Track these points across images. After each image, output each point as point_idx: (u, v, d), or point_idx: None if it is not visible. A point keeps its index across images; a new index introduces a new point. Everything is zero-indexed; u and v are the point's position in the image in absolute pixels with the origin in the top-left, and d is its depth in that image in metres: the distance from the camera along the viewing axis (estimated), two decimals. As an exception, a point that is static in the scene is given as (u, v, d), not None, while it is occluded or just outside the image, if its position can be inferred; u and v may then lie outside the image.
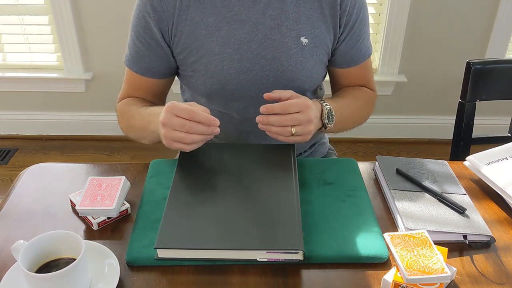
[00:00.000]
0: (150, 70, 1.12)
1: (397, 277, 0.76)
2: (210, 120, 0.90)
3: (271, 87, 1.09)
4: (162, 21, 1.05)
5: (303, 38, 1.07)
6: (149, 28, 1.06)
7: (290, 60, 1.08)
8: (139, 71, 1.13)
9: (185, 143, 0.92)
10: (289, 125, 0.95)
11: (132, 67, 1.13)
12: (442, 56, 2.46)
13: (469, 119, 1.34)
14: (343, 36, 1.11)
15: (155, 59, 1.11)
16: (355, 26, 1.10)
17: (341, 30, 1.10)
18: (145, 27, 1.07)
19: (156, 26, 1.06)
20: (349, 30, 1.10)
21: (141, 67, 1.12)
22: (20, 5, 2.34)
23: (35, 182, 1.02)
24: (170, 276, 0.80)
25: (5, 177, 2.39)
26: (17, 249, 0.77)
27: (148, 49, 1.09)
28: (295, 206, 0.88)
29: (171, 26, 1.06)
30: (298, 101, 0.95)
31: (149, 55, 1.10)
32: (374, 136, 2.67)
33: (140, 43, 1.09)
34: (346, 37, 1.11)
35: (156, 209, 0.92)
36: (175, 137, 0.91)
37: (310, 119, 0.96)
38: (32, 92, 2.57)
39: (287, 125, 0.95)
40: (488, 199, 0.99)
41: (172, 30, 1.06)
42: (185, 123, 0.89)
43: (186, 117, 0.89)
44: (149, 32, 1.07)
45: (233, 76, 1.08)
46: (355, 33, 1.11)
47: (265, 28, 1.06)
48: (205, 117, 0.90)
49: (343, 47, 1.13)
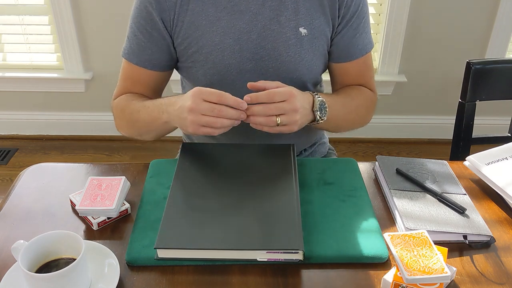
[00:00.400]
0: (151, 62, 1.11)
1: (397, 277, 0.76)
2: (239, 103, 0.90)
3: (271, 78, 1.09)
4: (164, 11, 1.05)
5: (302, 29, 1.07)
6: (151, 18, 1.06)
7: (289, 51, 1.08)
8: (140, 63, 1.11)
9: (214, 128, 0.91)
10: (274, 115, 0.93)
11: (132, 60, 1.12)
12: (442, 56, 2.46)
13: (469, 119, 1.34)
14: (339, 27, 1.11)
15: (157, 50, 1.10)
16: (352, 19, 1.10)
17: (338, 22, 1.10)
18: (147, 17, 1.06)
19: (158, 16, 1.05)
20: (346, 23, 1.10)
21: (142, 59, 1.11)
22: (20, 5, 2.34)
23: (35, 182, 1.02)
24: (170, 276, 0.80)
25: (5, 177, 2.39)
26: (17, 249, 0.77)
27: (150, 40, 1.08)
28: (295, 206, 0.88)
29: (173, 16, 1.06)
30: (282, 89, 0.94)
31: (151, 46, 1.09)
32: (374, 136, 2.67)
33: (141, 34, 1.08)
34: (342, 30, 1.11)
35: (156, 209, 0.92)
36: (204, 122, 0.90)
37: (295, 108, 0.94)
38: (32, 92, 2.57)
39: (272, 115, 0.93)
40: (488, 199, 0.99)
41: (174, 20, 1.06)
42: (214, 107, 0.89)
43: (215, 101, 0.89)
44: (151, 22, 1.06)
45: (233, 66, 1.08)
46: (351, 26, 1.11)
47: (264, 19, 1.06)
48: (234, 100, 0.90)
49: (339, 40, 1.12)
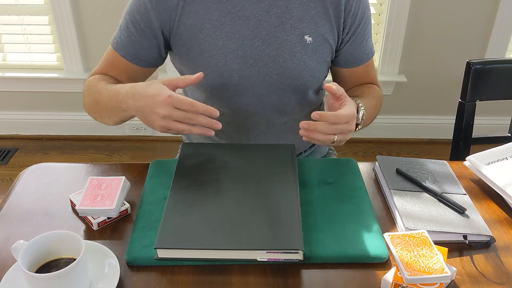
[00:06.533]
0: (137, 56, 1.10)
1: (397, 277, 0.76)
2: (211, 111, 0.90)
3: (274, 84, 1.09)
4: (165, 11, 1.04)
5: (307, 37, 1.07)
6: (147, 15, 1.05)
7: (293, 58, 1.08)
8: (126, 55, 1.10)
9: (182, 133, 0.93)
10: (334, 134, 0.94)
11: (119, 51, 1.10)
12: (442, 56, 2.46)
13: (469, 119, 1.35)
14: (347, 37, 1.11)
15: (146, 47, 1.09)
16: (359, 27, 1.11)
17: (346, 31, 1.10)
18: (143, 13, 1.05)
19: (156, 15, 1.04)
20: (354, 31, 1.11)
21: (129, 52, 1.10)
22: (20, 5, 2.34)
23: (35, 182, 1.02)
24: (170, 276, 0.80)
25: (5, 177, 2.39)
26: (17, 249, 0.77)
27: (142, 35, 1.07)
28: (295, 206, 0.88)
29: (174, 17, 1.05)
30: (347, 112, 0.94)
31: (141, 41, 1.08)
32: (374, 136, 2.67)
33: (134, 28, 1.07)
34: (351, 38, 1.12)
35: (156, 209, 0.92)
36: (174, 128, 0.91)
37: (352, 129, 0.96)
38: (32, 92, 2.57)
39: (332, 134, 0.94)
40: (488, 199, 0.99)
41: (175, 21, 1.05)
42: (188, 115, 0.89)
43: (187, 109, 0.89)
44: (146, 19, 1.05)
45: (236, 71, 1.08)
46: (359, 33, 1.12)
47: (269, 25, 1.06)
48: (205, 108, 0.90)
49: (348, 48, 1.13)
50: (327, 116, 0.92)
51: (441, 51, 2.45)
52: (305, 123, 0.93)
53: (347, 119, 0.94)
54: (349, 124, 0.95)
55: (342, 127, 0.94)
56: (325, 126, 0.93)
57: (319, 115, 0.92)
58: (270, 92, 1.11)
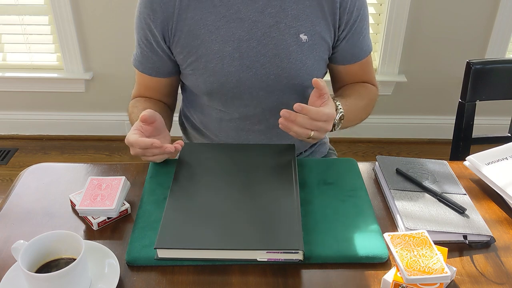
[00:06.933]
0: (155, 69, 1.14)
1: (397, 277, 0.76)
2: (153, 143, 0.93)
3: (272, 85, 1.09)
4: (163, 22, 1.06)
5: (302, 35, 1.07)
6: (150, 30, 1.07)
7: (290, 58, 1.08)
8: (145, 70, 1.15)
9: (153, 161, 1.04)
10: (311, 129, 0.95)
11: (138, 67, 1.15)
12: (442, 56, 2.46)
13: (469, 119, 1.34)
14: (344, 33, 1.11)
15: (158, 60, 1.12)
16: (356, 24, 1.10)
17: (341, 28, 1.10)
18: (146, 28, 1.08)
19: (157, 27, 1.06)
20: (350, 28, 1.10)
21: (147, 67, 1.14)
22: (20, 5, 2.34)
23: (35, 182, 1.02)
24: (170, 276, 0.80)
25: (5, 177, 2.39)
26: (17, 249, 0.77)
27: (151, 50, 1.11)
28: (295, 206, 0.88)
29: (171, 26, 1.06)
30: (329, 112, 0.95)
31: (152, 55, 1.11)
32: (374, 136, 2.67)
33: (143, 44, 1.11)
34: (347, 35, 1.11)
35: (156, 209, 0.92)
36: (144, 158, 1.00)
37: (329, 129, 0.98)
38: (32, 92, 2.57)
39: (310, 129, 0.95)
40: (488, 199, 0.99)
41: (172, 30, 1.07)
42: (144, 152, 0.96)
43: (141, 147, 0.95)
44: (150, 33, 1.08)
45: (233, 74, 1.08)
46: (356, 30, 1.11)
47: (264, 26, 1.06)
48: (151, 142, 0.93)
49: (344, 45, 1.13)
50: (309, 110, 0.93)
51: (441, 51, 2.45)
52: (287, 112, 0.93)
53: (327, 118, 0.95)
54: (327, 123, 0.95)
55: (321, 124, 0.94)
56: (305, 120, 0.93)
57: (301, 107, 0.93)
58: (268, 93, 1.11)
